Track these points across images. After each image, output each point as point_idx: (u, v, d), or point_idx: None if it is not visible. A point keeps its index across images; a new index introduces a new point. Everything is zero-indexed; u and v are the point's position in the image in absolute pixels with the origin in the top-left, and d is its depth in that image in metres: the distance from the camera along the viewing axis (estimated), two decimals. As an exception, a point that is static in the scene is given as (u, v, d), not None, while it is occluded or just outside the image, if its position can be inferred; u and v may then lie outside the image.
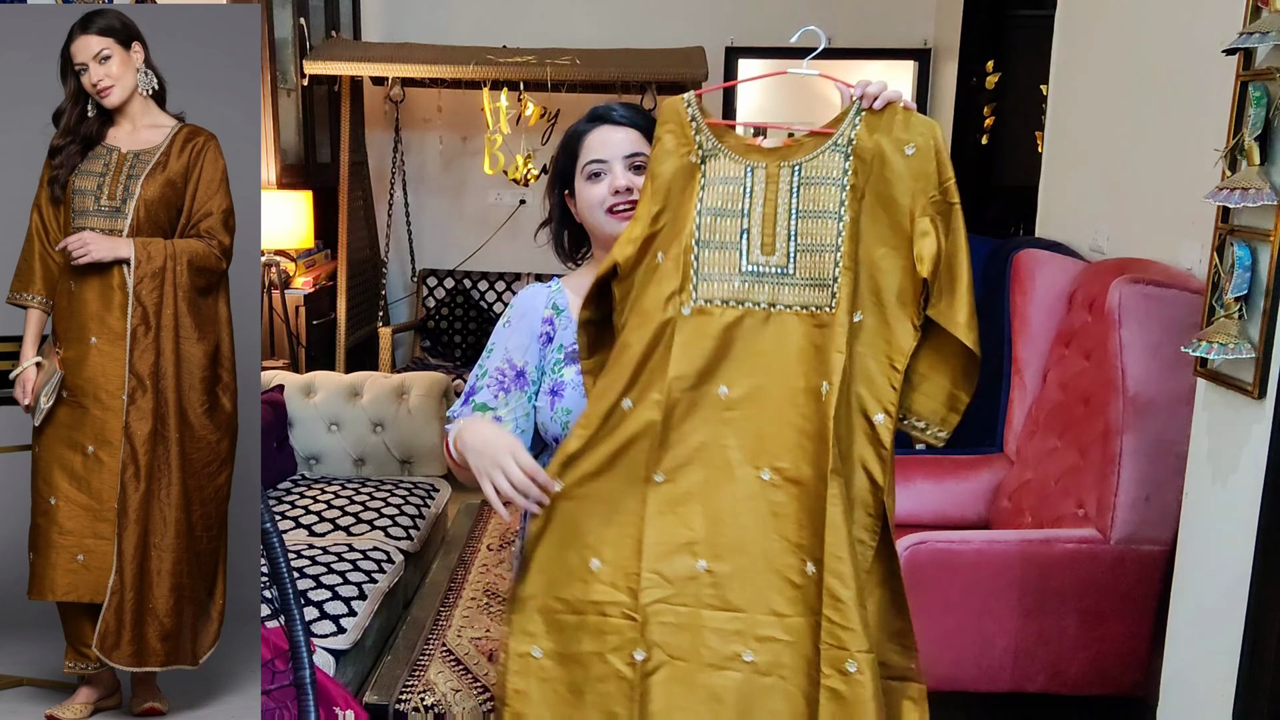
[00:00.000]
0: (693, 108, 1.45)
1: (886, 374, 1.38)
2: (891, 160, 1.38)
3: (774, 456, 1.36)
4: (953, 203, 1.38)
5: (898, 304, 1.39)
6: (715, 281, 1.39)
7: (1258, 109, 1.62)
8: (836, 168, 1.39)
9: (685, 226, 1.41)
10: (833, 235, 1.37)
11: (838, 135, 1.41)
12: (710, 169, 1.43)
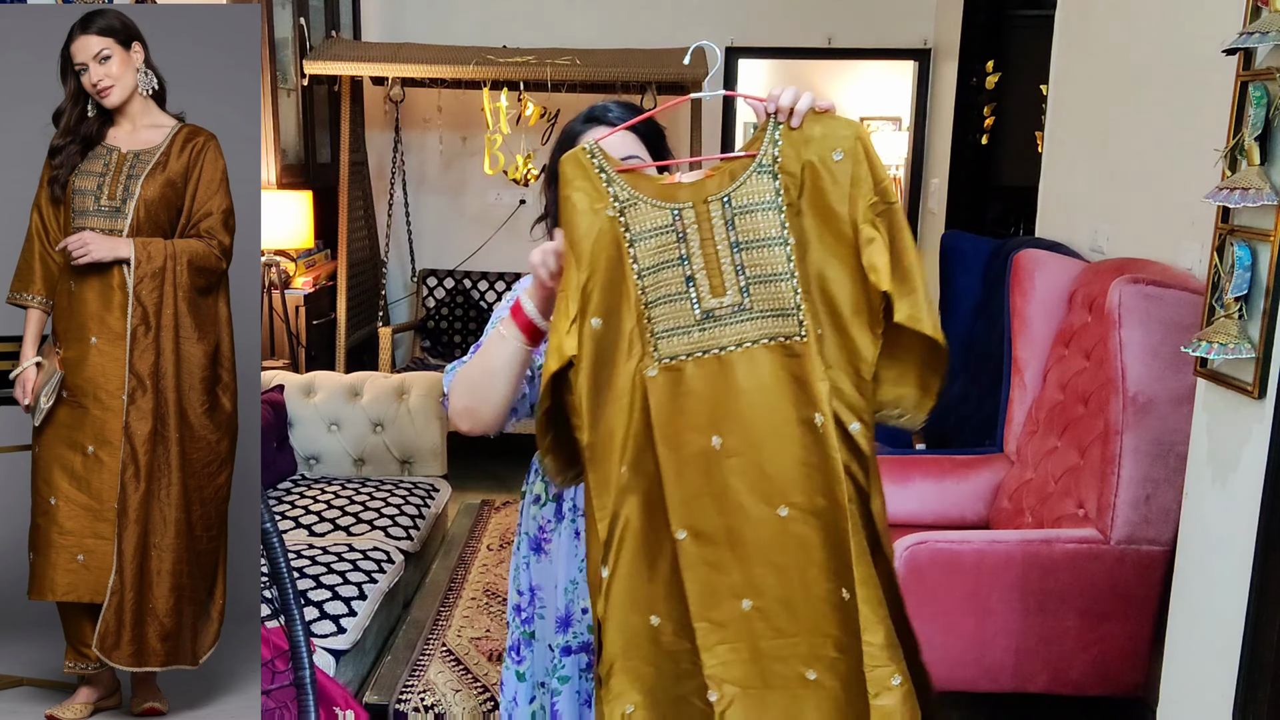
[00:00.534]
0: (597, 158, 1.36)
1: (855, 384, 1.35)
2: (821, 170, 1.32)
3: (786, 494, 1.34)
4: (892, 202, 1.33)
5: (854, 315, 1.34)
6: (675, 337, 1.34)
7: (1258, 109, 1.62)
8: (767, 190, 1.33)
9: (626, 291, 1.34)
10: (782, 261, 1.33)
11: (760, 155, 1.35)
12: (633, 221, 1.34)
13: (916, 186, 5.39)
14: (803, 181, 1.33)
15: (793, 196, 1.33)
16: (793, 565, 1.34)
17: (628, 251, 1.34)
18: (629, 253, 1.34)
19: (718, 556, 1.35)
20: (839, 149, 1.32)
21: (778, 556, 1.34)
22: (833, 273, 1.34)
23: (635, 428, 1.35)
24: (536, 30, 5.20)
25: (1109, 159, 2.98)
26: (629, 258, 1.34)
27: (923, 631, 2.37)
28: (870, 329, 1.34)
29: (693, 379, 1.34)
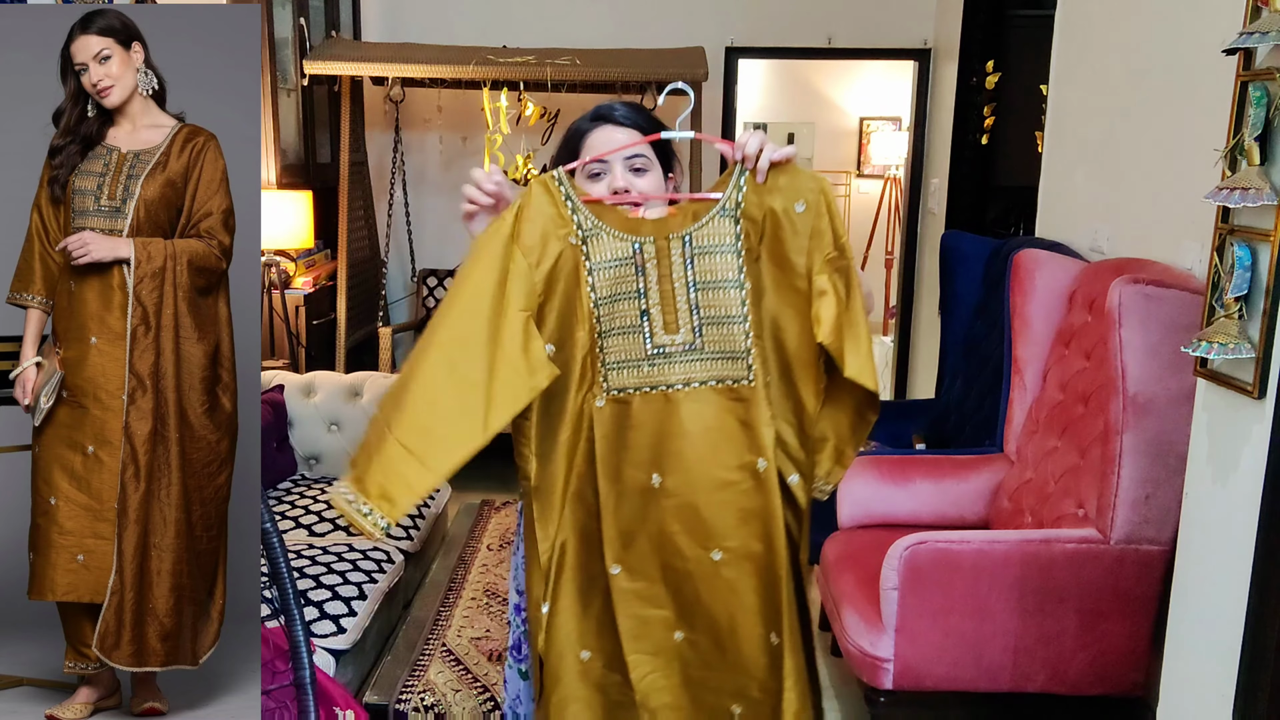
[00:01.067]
0: (564, 185, 1.38)
1: (798, 435, 1.37)
2: (783, 219, 1.33)
3: (722, 537, 1.35)
4: (849, 259, 1.34)
5: (802, 367, 1.35)
6: (624, 369, 1.35)
7: (1258, 109, 1.62)
8: (728, 234, 1.35)
9: (581, 319, 1.35)
10: (737, 304, 1.34)
11: (724, 199, 1.36)
12: (594, 250, 1.35)
13: (916, 186, 5.39)
14: (764, 229, 1.34)
15: (752, 242, 1.35)
16: (723, 608, 1.36)
17: (586, 279, 1.34)
18: (587, 280, 1.34)
19: (651, 592, 1.36)
20: (802, 201, 1.33)
21: (709, 598, 1.36)
22: (785, 321, 1.35)
23: (580, 459, 1.36)
24: (536, 30, 5.20)
25: (1109, 159, 2.98)
26: (586, 285, 1.34)
27: (922, 631, 2.37)
28: (815, 382, 1.36)
29: (638, 414, 1.34)
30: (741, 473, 1.34)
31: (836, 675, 2.96)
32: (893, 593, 2.34)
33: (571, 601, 1.40)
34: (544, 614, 1.39)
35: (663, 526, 1.35)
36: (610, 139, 1.49)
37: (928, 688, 2.40)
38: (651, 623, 1.37)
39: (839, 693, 2.88)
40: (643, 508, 1.35)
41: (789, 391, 1.36)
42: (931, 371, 4.40)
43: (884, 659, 2.37)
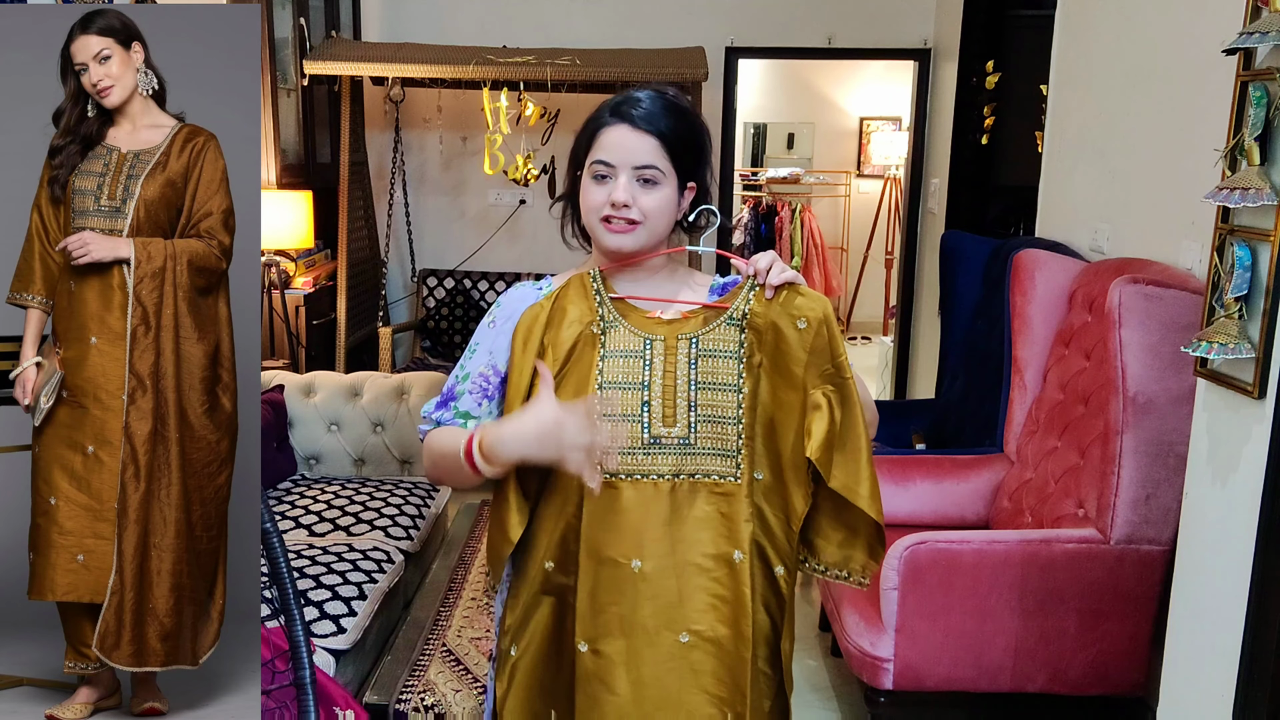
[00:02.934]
0: (598, 283, 1.46)
1: (785, 532, 1.43)
2: (785, 333, 1.40)
3: (690, 620, 1.40)
4: (846, 378, 1.39)
5: (793, 469, 1.41)
6: (620, 455, 1.40)
7: (1258, 109, 1.62)
8: (733, 340, 1.42)
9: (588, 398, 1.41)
10: (733, 407, 1.41)
11: (733, 309, 1.43)
12: (610, 340, 1.42)
13: (916, 186, 5.39)
14: (767, 340, 1.41)
15: (755, 351, 1.42)
16: (679, 690, 1.40)
17: (597, 364, 1.41)
18: (598, 364, 1.41)
19: (611, 676, 1.40)
20: (804, 318, 1.40)
21: (668, 679, 1.40)
22: (781, 427, 1.42)
23: (565, 530, 1.41)
24: (536, 30, 5.20)
25: (1109, 159, 2.98)
26: (596, 369, 1.41)
27: (922, 631, 2.37)
28: (804, 485, 1.41)
29: (627, 499, 1.39)
30: (717, 562, 1.40)
31: (836, 675, 2.96)
32: (893, 593, 2.34)
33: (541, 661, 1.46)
34: (511, 656, 1.46)
35: (636, 609, 1.39)
36: (623, 143, 1.40)
37: (928, 688, 2.40)
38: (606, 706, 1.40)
39: (839, 693, 2.88)
40: (619, 589, 1.40)
41: (780, 490, 1.42)
42: (931, 371, 4.40)
43: (884, 659, 2.37)
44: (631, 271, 1.47)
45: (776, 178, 7.77)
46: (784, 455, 1.41)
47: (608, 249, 1.44)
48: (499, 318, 1.51)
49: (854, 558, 1.47)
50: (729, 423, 1.41)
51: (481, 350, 1.51)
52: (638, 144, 1.40)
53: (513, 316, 1.49)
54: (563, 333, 1.42)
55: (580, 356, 1.42)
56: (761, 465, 1.42)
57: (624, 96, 1.43)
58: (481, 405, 1.48)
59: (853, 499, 1.41)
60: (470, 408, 1.48)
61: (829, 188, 8.07)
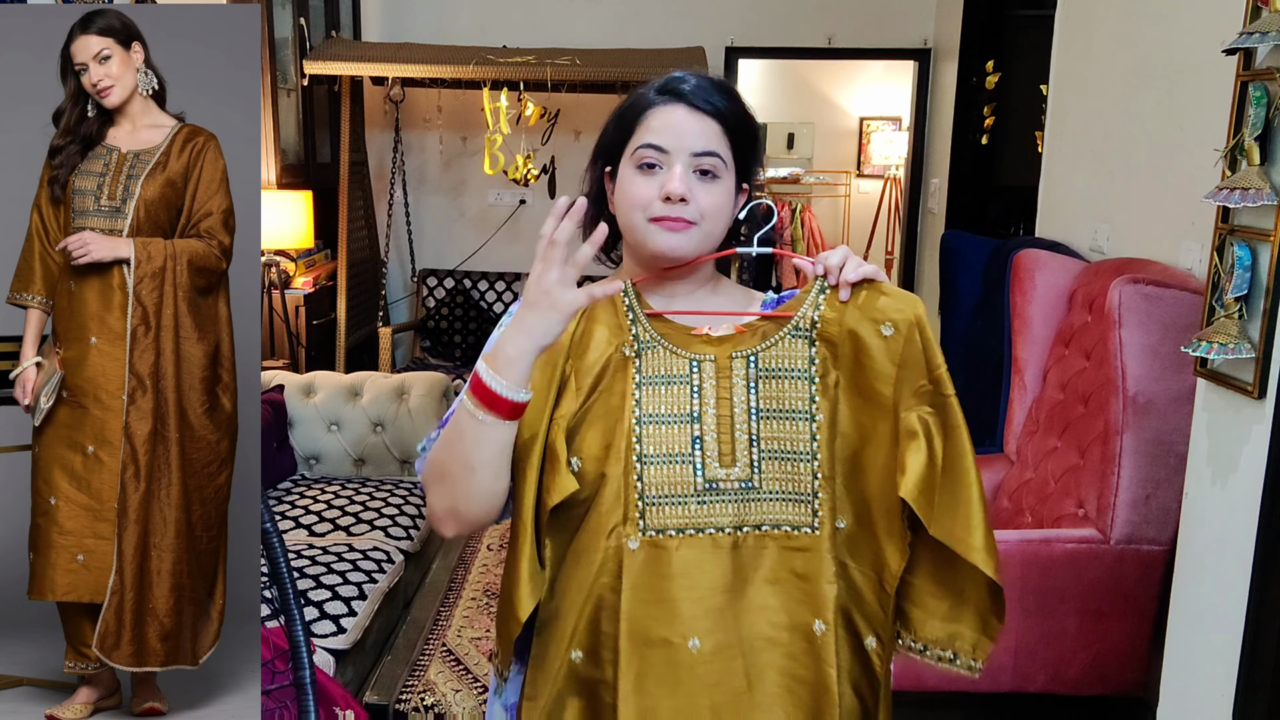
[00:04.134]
0: (629, 297, 1.19)
1: (875, 593, 1.15)
2: (868, 343, 1.13)
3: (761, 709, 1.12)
4: (946, 394, 1.12)
5: (883, 516, 1.14)
6: (666, 505, 1.12)
7: (1258, 109, 1.62)
8: (801, 356, 1.15)
9: (618, 438, 1.13)
10: (805, 439, 1.14)
11: (798, 318, 1.16)
12: (646, 364, 1.15)
13: (916, 186, 5.39)
14: (843, 353, 1.15)
15: (829, 368, 1.15)
16: None
17: (632, 393, 1.14)
18: (633, 394, 1.13)
19: None
20: (889, 323, 1.13)
21: None
22: (866, 461, 1.14)
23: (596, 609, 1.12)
24: (536, 30, 5.20)
25: (1109, 159, 2.98)
26: (631, 399, 1.13)
27: (923, 631, 2.37)
28: (900, 536, 1.13)
29: (680, 561, 1.11)
30: (792, 634, 1.12)
31: (836, 675, 2.96)
32: (893, 593, 2.34)
33: None
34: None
35: (695, 703, 1.11)
36: (679, 124, 1.18)
37: (928, 688, 2.40)
38: None
39: (839, 693, 2.88)
40: (674, 679, 1.11)
41: (869, 542, 1.15)
42: (931, 371, 4.39)
43: (884, 659, 2.37)
44: (670, 285, 1.22)
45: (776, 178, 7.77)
46: (872, 497, 1.14)
47: (659, 252, 1.17)
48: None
49: (962, 634, 1.21)
50: (802, 459, 1.14)
51: None
52: (697, 127, 1.17)
53: None
54: (588, 358, 1.15)
55: (610, 386, 1.15)
56: (844, 511, 1.14)
57: (670, 76, 1.21)
58: None
59: (963, 551, 1.15)
60: None
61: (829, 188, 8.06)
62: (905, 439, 1.11)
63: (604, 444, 1.13)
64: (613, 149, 1.22)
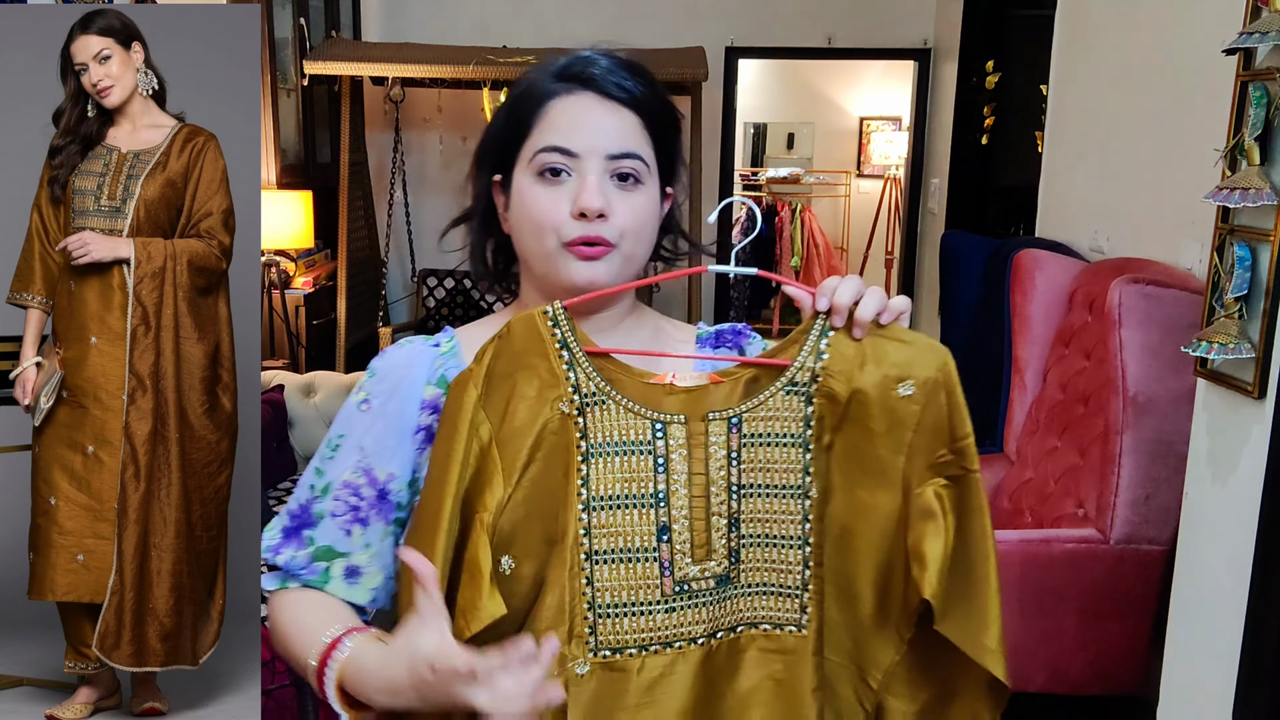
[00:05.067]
0: (560, 327, 0.90)
1: (855, 688, 0.95)
2: (878, 404, 0.91)
3: None
4: (970, 469, 0.91)
5: (878, 609, 0.94)
6: (626, 617, 0.88)
7: (1258, 109, 1.62)
8: (795, 418, 0.91)
9: (563, 530, 0.88)
10: (796, 519, 0.91)
11: (796, 368, 0.92)
12: (593, 424, 0.89)
13: (916, 186, 5.39)
14: (847, 412, 0.92)
15: (824, 429, 0.92)
16: None
17: (577, 469, 0.88)
18: (579, 470, 0.88)
19: None
20: (910, 380, 0.91)
21: None
22: (860, 542, 0.93)
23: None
24: (536, 30, 5.21)
25: (1109, 159, 2.98)
26: (577, 478, 0.88)
27: (923, 631, 2.37)
28: (896, 631, 0.94)
29: (641, 685, 0.88)
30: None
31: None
32: (893, 593, 2.34)
33: None
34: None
35: None
36: (589, 119, 0.94)
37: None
38: None
39: (839, 693, 2.88)
40: None
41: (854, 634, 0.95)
42: (931, 371, 4.39)
43: (884, 659, 2.37)
44: (581, 319, 0.96)
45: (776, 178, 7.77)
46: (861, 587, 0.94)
47: (574, 285, 0.94)
48: (376, 394, 1.01)
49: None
50: (791, 545, 0.91)
51: (349, 446, 1.00)
52: (612, 120, 0.94)
53: (397, 392, 1.00)
54: (514, 420, 0.88)
55: (549, 458, 0.88)
56: (830, 600, 0.93)
57: (573, 56, 0.97)
58: (350, 533, 0.98)
59: (974, 651, 0.94)
60: (334, 540, 0.98)
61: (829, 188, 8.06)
62: (920, 520, 0.90)
63: (543, 539, 0.88)
64: (504, 151, 0.98)
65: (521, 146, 0.96)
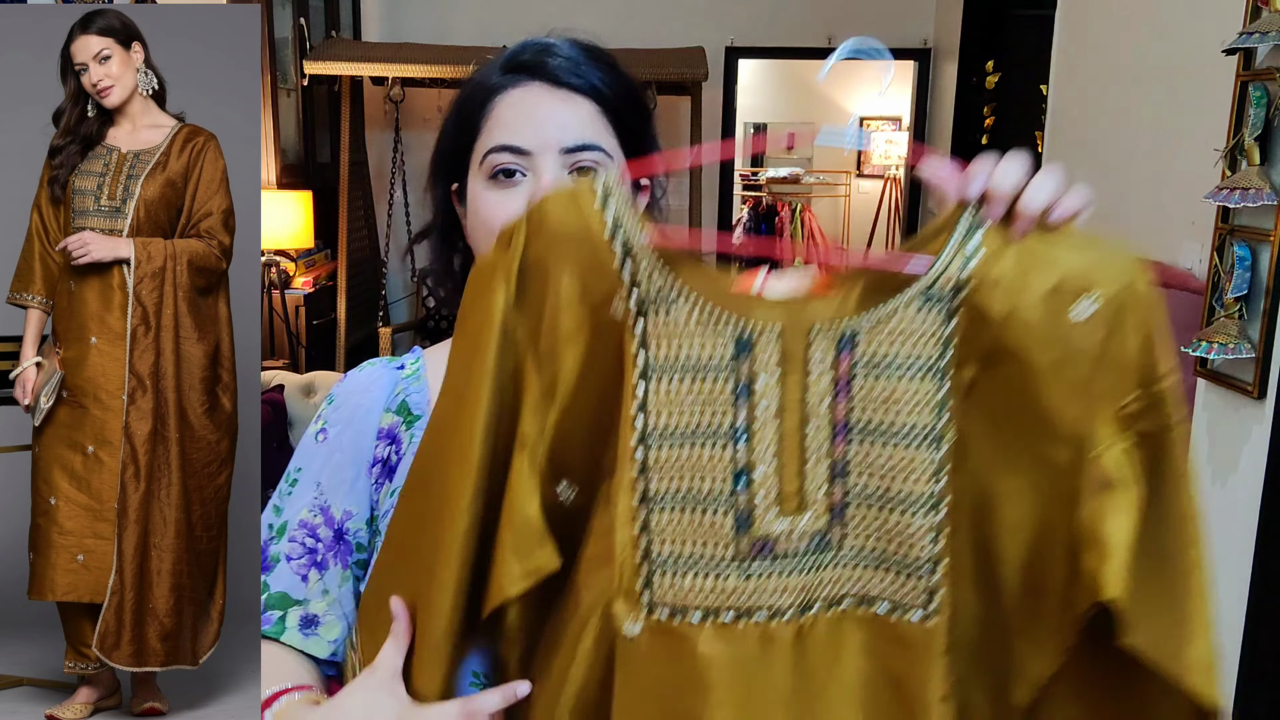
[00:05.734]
0: (615, 205, 0.71)
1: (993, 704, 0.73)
2: (1043, 327, 0.68)
3: None
4: (1169, 422, 0.68)
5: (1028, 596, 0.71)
6: (689, 573, 0.70)
7: (1258, 109, 1.62)
8: (929, 339, 0.70)
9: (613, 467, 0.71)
10: (925, 474, 0.70)
11: (935, 271, 0.70)
12: (656, 335, 0.70)
13: (916, 186, 5.39)
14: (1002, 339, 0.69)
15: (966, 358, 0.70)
16: None
17: (633, 391, 0.70)
18: (634, 392, 0.70)
19: None
20: (1091, 297, 0.67)
21: None
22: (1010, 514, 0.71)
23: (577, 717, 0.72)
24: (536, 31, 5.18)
25: (1109, 159, 2.98)
26: (632, 402, 0.70)
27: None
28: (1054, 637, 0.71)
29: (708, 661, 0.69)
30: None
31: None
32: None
33: None
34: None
35: None
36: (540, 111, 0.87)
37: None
38: None
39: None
40: None
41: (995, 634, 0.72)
42: (931, 371, 4.40)
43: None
44: None
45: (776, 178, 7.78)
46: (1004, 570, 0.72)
47: None
48: (333, 423, 0.91)
49: None
50: (917, 505, 0.70)
51: (306, 481, 0.90)
52: (566, 112, 0.86)
53: (354, 420, 0.90)
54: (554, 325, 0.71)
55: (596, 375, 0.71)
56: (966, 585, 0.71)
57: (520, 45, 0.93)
58: (309, 580, 0.88)
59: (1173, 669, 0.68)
60: (290, 587, 0.88)
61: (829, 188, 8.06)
62: (1099, 491, 0.67)
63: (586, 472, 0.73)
64: (456, 156, 0.91)
65: (472, 149, 0.89)
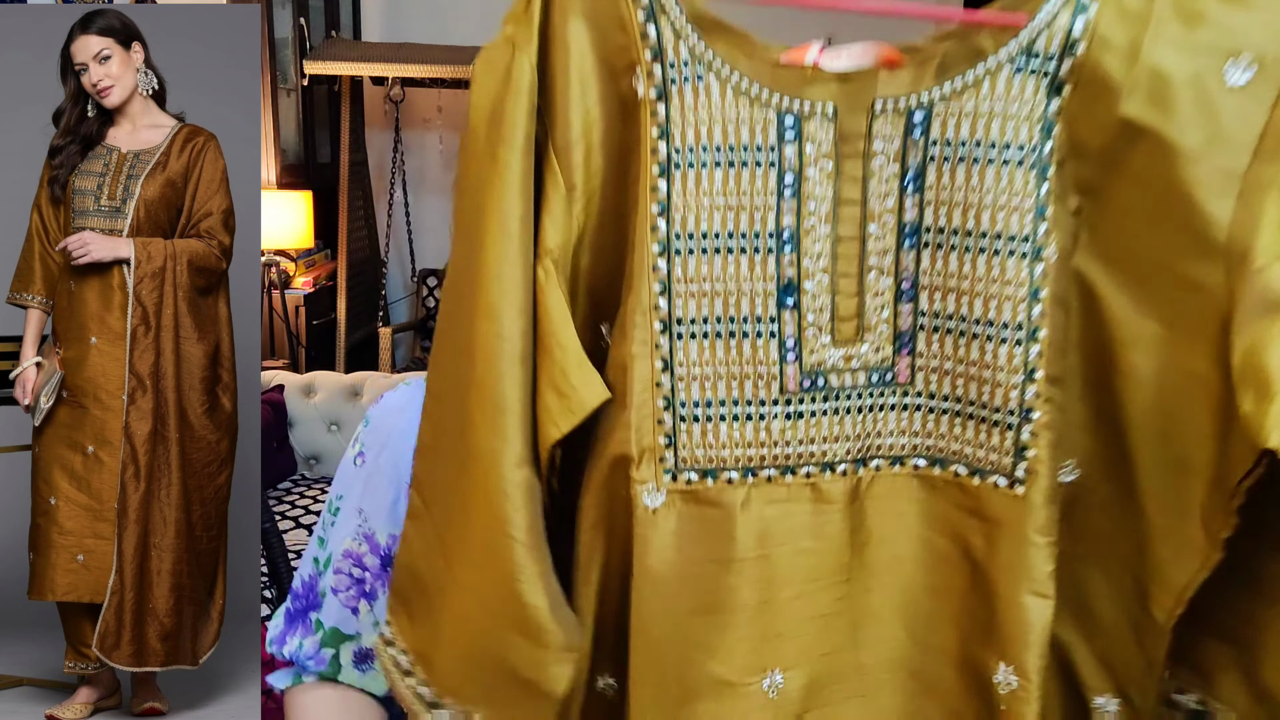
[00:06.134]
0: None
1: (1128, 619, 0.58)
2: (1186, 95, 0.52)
3: None
4: None
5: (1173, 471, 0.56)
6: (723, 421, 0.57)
7: (1258, 109, 1.62)
8: (1027, 116, 0.55)
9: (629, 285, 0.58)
10: (1020, 297, 0.55)
11: (1034, 30, 0.56)
12: (684, 119, 0.58)
13: None
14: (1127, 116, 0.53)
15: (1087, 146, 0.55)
16: None
17: (653, 186, 0.57)
18: (655, 188, 0.57)
19: None
20: (1250, 56, 0.51)
21: None
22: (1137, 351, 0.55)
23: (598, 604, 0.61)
24: (536, 30, 5.21)
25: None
26: (652, 201, 0.57)
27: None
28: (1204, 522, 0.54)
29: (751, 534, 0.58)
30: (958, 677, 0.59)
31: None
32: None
33: None
34: None
35: None
36: None
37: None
38: None
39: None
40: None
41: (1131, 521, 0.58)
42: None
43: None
44: None
45: None
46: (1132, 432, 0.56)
47: None
48: (370, 445, 0.87)
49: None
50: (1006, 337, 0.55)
51: (348, 509, 0.86)
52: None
53: (390, 441, 0.85)
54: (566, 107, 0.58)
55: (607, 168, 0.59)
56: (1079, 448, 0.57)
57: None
58: (360, 613, 0.83)
59: None
60: (341, 621, 0.84)
61: None
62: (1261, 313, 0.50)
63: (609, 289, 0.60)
64: None
65: None
